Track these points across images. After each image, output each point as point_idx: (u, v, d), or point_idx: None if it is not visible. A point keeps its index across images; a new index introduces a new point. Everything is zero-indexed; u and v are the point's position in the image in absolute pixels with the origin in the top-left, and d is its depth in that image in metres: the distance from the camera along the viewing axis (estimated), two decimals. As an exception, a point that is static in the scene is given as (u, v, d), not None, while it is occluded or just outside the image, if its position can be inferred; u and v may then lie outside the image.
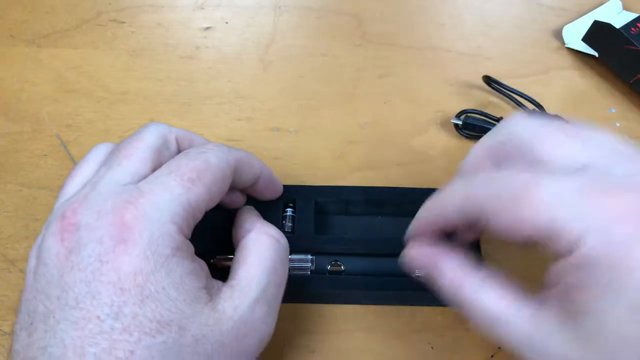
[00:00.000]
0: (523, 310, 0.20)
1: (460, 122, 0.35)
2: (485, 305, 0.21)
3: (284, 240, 0.24)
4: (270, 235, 0.24)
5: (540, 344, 0.19)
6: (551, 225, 0.18)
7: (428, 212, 0.24)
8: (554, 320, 0.19)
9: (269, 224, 0.25)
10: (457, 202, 0.22)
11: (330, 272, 0.27)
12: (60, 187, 0.24)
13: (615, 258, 0.17)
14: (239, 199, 0.27)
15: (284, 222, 0.29)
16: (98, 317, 0.18)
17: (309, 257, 0.27)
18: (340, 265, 0.27)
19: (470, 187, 0.21)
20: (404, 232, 0.25)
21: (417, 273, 0.24)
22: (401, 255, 0.25)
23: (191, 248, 0.21)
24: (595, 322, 0.18)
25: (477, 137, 0.35)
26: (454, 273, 0.22)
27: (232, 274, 0.22)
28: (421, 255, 0.24)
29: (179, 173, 0.21)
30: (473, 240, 0.23)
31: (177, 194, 0.21)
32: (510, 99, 0.37)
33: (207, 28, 0.42)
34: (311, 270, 0.27)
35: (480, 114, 0.35)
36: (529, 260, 0.25)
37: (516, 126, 0.22)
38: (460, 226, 0.23)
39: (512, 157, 0.22)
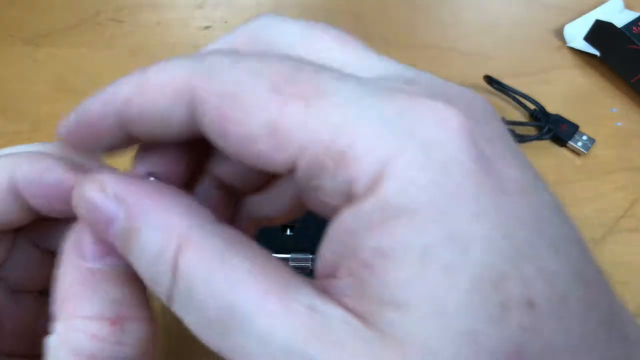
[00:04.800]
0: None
1: (461, 122, 0.35)
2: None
3: None
4: None
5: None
6: (341, 147, 0.11)
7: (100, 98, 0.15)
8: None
9: None
10: (168, 86, 0.14)
11: (331, 272, 0.27)
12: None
13: (416, 207, 0.11)
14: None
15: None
16: None
17: (309, 256, 0.27)
18: (340, 265, 0.27)
19: (203, 65, 0.13)
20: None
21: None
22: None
23: None
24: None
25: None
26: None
27: None
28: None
29: None
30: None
31: None
32: (511, 98, 0.37)
33: (207, 27, 0.42)
34: (311, 270, 0.27)
35: (481, 114, 0.35)
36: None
37: (269, 29, 0.15)
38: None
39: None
